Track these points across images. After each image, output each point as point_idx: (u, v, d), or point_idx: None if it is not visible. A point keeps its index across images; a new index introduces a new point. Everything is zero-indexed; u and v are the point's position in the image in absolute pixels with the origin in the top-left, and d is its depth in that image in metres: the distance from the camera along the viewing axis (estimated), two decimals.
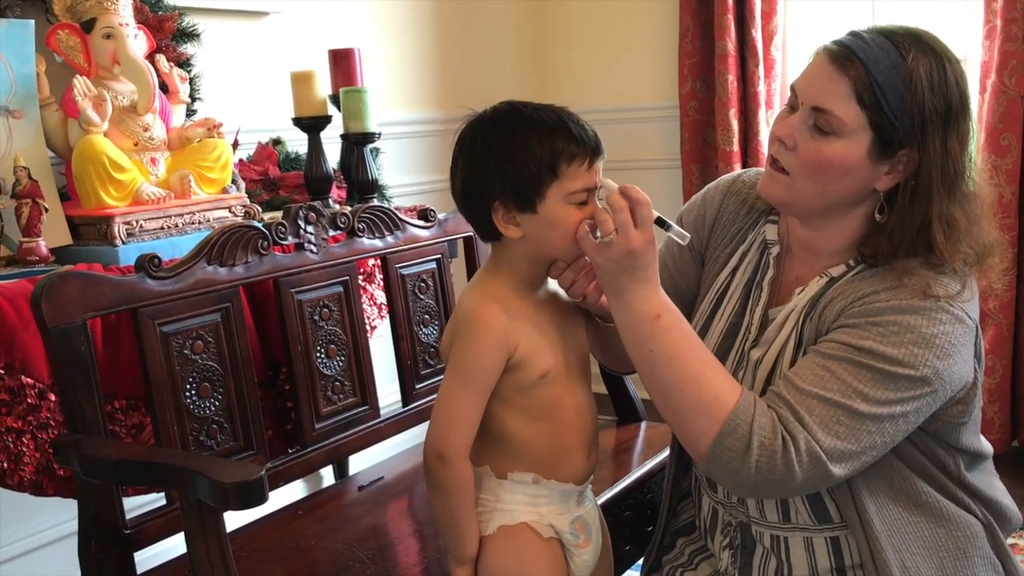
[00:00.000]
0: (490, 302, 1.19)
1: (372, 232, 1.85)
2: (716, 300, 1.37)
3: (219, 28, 2.29)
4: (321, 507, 1.72)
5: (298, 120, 2.12)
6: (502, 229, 1.18)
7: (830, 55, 1.18)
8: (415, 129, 2.97)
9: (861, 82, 1.14)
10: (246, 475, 1.13)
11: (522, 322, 1.19)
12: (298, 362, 1.70)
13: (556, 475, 1.24)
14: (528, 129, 1.15)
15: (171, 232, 1.74)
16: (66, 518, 1.98)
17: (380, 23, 2.86)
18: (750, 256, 1.36)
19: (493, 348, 1.17)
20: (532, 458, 1.23)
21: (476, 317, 1.18)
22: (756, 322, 1.30)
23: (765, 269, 1.33)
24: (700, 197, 1.46)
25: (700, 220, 1.43)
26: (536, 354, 1.20)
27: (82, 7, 1.73)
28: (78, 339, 1.36)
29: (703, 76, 3.15)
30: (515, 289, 1.22)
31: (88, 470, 1.31)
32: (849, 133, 1.16)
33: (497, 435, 1.22)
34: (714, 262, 1.40)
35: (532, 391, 1.21)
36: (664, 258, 1.43)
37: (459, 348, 1.19)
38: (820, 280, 1.26)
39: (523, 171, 1.14)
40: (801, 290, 1.27)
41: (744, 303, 1.33)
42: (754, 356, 1.28)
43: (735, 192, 1.41)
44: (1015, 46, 2.62)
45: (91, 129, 1.66)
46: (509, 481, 1.23)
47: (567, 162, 1.14)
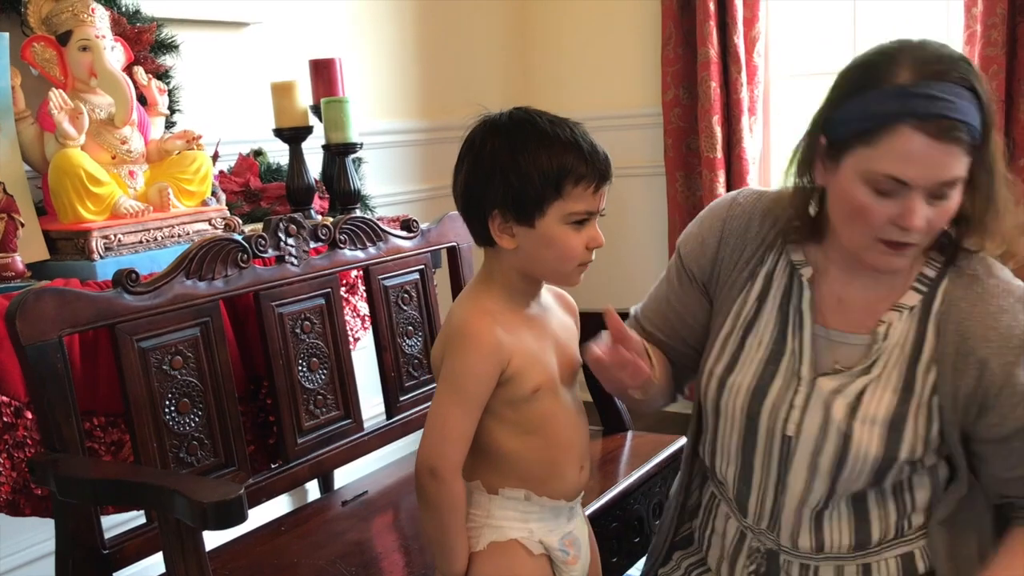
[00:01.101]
0: (483, 315, 1.17)
1: (354, 243, 1.84)
2: (745, 327, 1.32)
3: (198, 39, 2.27)
4: (304, 523, 1.70)
5: (279, 131, 2.10)
6: (496, 238, 1.17)
7: (933, 135, 1.10)
8: (397, 139, 2.96)
9: (969, 137, 1.11)
10: (225, 494, 1.11)
11: (515, 336, 1.18)
12: (280, 376, 1.69)
13: (547, 491, 1.23)
14: (540, 142, 1.13)
15: (150, 246, 1.72)
16: (43, 538, 1.95)
17: (361, 33, 2.85)
18: (778, 279, 1.32)
19: (486, 363, 1.15)
20: (524, 474, 1.21)
21: (469, 331, 1.16)
22: (808, 345, 1.27)
23: (799, 292, 1.29)
24: (696, 225, 1.41)
25: (700, 248, 1.38)
26: (529, 369, 1.18)
27: (58, 19, 1.71)
28: (54, 356, 1.34)
29: (686, 83, 3.15)
30: (507, 302, 1.20)
31: (65, 490, 1.29)
32: (962, 179, 1.15)
33: (489, 450, 1.21)
34: (730, 287, 1.35)
35: (524, 406, 1.19)
36: (666, 292, 1.42)
37: (451, 363, 1.17)
38: (901, 314, 1.24)
39: (527, 184, 1.13)
40: (885, 328, 1.23)
41: (783, 328, 1.29)
42: (826, 385, 1.24)
43: (735, 216, 1.36)
44: (995, 51, 2.63)
45: (67, 143, 1.64)
46: (500, 497, 1.22)
47: (573, 183, 1.13)
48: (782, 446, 1.26)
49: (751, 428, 1.29)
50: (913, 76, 1.11)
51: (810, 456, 1.24)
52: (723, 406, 1.31)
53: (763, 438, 1.28)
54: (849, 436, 1.21)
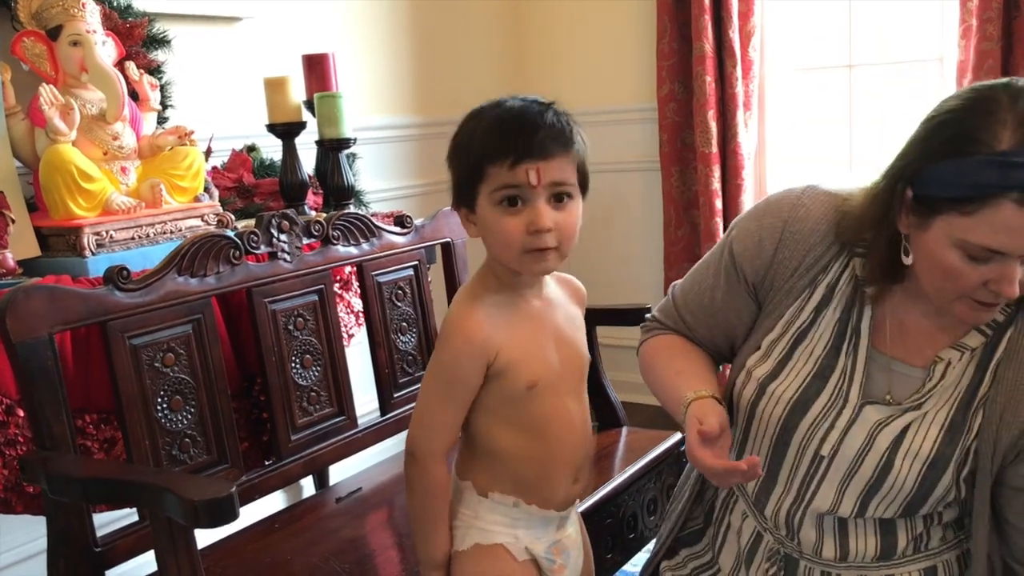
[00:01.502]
0: (473, 307, 1.15)
1: (347, 239, 1.83)
2: (796, 336, 1.27)
3: (191, 34, 2.26)
4: (298, 520, 1.69)
5: (272, 126, 2.09)
6: (464, 227, 1.17)
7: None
8: (391, 134, 2.95)
9: None
10: (216, 492, 1.10)
11: (507, 329, 1.15)
12: (273, 373, 1.68)
13: (537, 500, 1.20)
14: (478, 128, 1.12)
15: (142, 242, 1.71)
16: (35, 536, 1.94)
17: (355, 27, 2.83)
18: (840, 291, 1.26)
19: (467, 355, 1.14)
20: (516, 478, 1.19)
21: (455, 322, 1.15)
22: (860, 367, 1.23)
23: (860, 310, 1.24)
24: (754, 222, 1.32)
25: (756, 248, 1.30)
26: (522, 363, 1.15)
27: (48, 14, 1.70)
28: (44, 354, 1.33)
29: (681, 77, 3.15)
30: (503, 294, 1.17)
31: (56, 488, 1.28)
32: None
33: (483, 448, 1.20)
34: (786, 292, 1.28)
35: (520, 403, 1.17)
36: (712, 287, 1.35)
37: (436, 352, 1.17)
38: (962, 355, 1.20)
39: (460, 170, 1.13)
40: (943, 366, 1.20)
41: (838, 344, 1.25)
42: (872, 415, 1.22)
43: (798, 219, 1.27)
44: (991, 45, 2.62)
45: (58, 138, 1.62)
46: (490, 500, 1.21)
47: (489, 161, 1.09)
48: (812, 463, 1.24)
49: (784, 439, 1.26)
50: (1016, 141, 1.02)
51: (842, 477, 1.22)
52: (759, 411, 1.28)
53: (793, 451, 1.26)
54: (889, 467, 1.20)
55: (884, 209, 1.16)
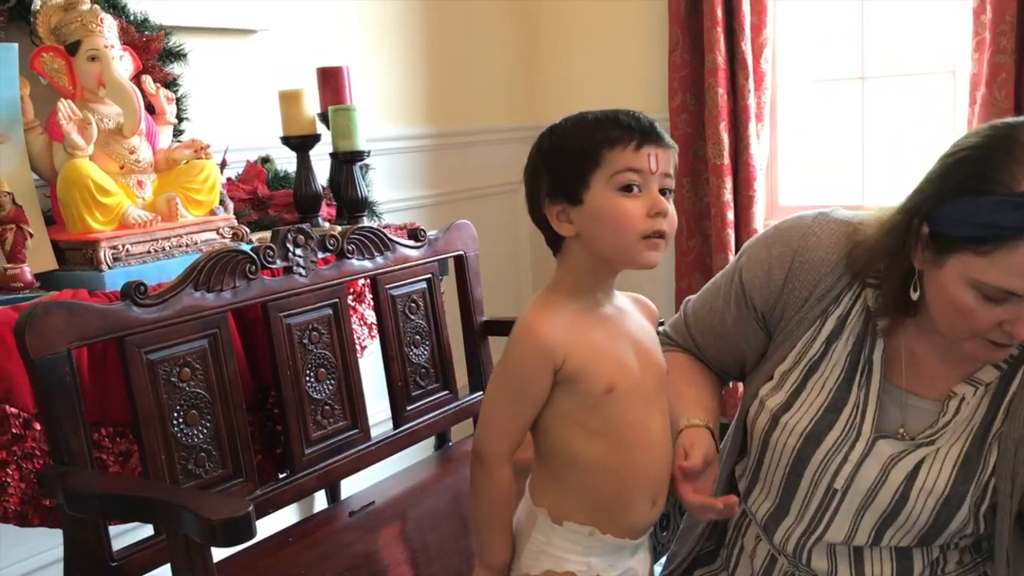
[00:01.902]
0: (543, 310, 1.14)
1: (362, 253, 1.84)
2: (808, 368, 1.27)
3: (206, 47, 2.28)
4: (311, 534, 1.70)
5: (287, 139, 2.10)
6: (556, 227, 1.13)
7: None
8: (405, 144, 2.96)
9: None
10: (233, 511, 1.11)
11: (580, 333, 1.12)
12: (287, 387, 1.69)
13: (613, 528, 1.17)
14: (575, 124, 1.12)
15: (158, 256, 1.72)
16: (52, 545, 1.95)
17: (369, 39, 2.84)
18: (852, 323, 1.25)
19: (533, 358, 1.11)
20: (593, 498, 1.16)
21: (523, 324, 1.14)
22: (873, 400, 1.23)
23: (872, 341, 1.24)
24: (763, 250, 1.31)
25: (765, 277, 1.30)
26: (597, 367, 1.12)
27: (67, 29, 1.71)
28: (63, 369, 1.34)
29: (693, 89, 3.15)
30: (577, 299, 1.15)
31: (73, 504, 1.29)
32: None
33: (560, 463, 1.16)
34: (797, 323, 1.28)
35: (599, 409, 1.13)
36: (722, 310, 1.35)
37: (504, 354, 1.16)
38: (976, 390, 1.19)
39: (565, 161, 1.11)
40: (957, 401, 1.20)
41: (850, 375, 1.24)
42: (887, 450, 1.21)
43: (808, 248, 1.27)
44: (1004, 58, 2.62)
45: (76, 153, 1.63)
46: (564, 528, 1.17)
47: (608, 147, 1.08)
48: (825, 496, 1.24)
49: (797, 470, 1.26)
50: None
51: (856, 510, 1.22)
52: (772, 441, 1.27)
53: (807, 483, 1.25)
54: (904, 501, 1.19)
55: (899, 243, 1.15)
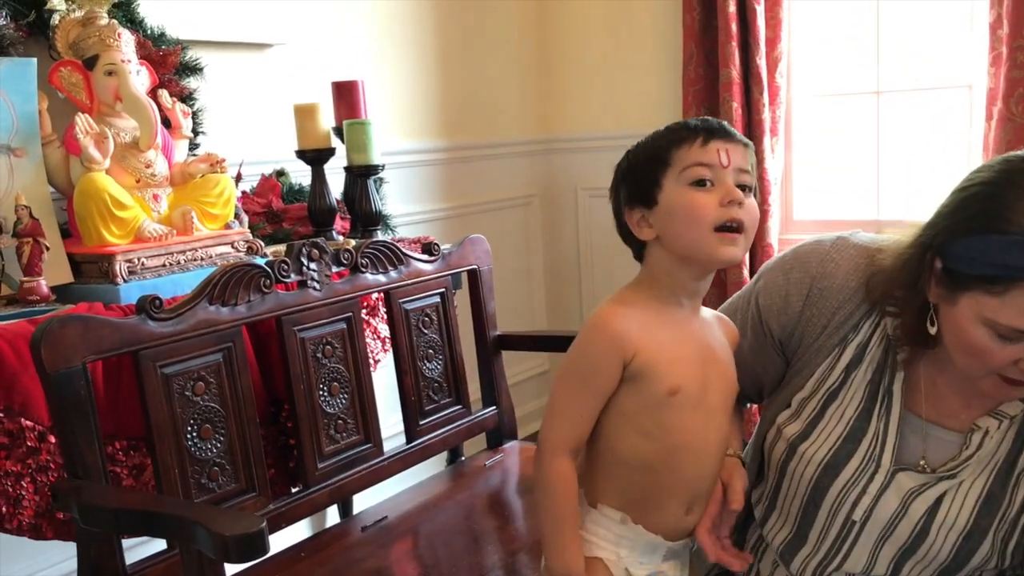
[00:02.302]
0: (616, 306, 1.15)
1: (375, 267, 1.84)
2: (827, 397, 1.24)
3: (222, 61, 2.29)
4: (324, 549, 1.69)
5: (302, 153, 2.11)
6: (637, 232, 1.15)
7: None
8: (419, 158, 2.96)
9: None
10: (247, 527, 1.11)
11: (650, 331, 1.12)
12: (300, 401, 1.68)
13: (645, 521, 1.16)
14: (648, 137, 1.16)
15: (173, 269, 1.73)
16: (65, 557, 1.95)
17: (383, 53, 2.86)
18: (872, 352, 1.23)
19: (603, 349, 1.11)
20: (627, 489, 1.16)
21: (597, 315, 1.14)
22: (893, 431, 1.21)
23: (892, 371, 1.21)
24: (781, 276, 1.29)
25: (782, 304, 1.28)
26: (665, 367, 1.11)
27: (84, 44, 1.73)
28: (78, 383, 1.34)
29: (707, 103, 3.14)
30: (655, 299, 1.15)
31: (87, 518, 1.29)
32: None
33: (605, 454, 1.16)
34: (816, 351, 1.26)
35: (659, 410, 1.13)
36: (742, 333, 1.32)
37: (574, 344, 1.16)
38: (1000, 424, 1.17)
39: (639, 169, 1.14)
40: (981, 435, 1.17)
41: (869, 407, 1.22)
42: (907, 483, 1.19)
43: (827, 275, 1.25)
44: (1021, 73, 2.60)
45: (93, 167, 1.64)
46: (598, 512, 1.18)
47: (676, 147, 1.12)
48: (843, 527, 1.22)
49: (815, 500, 1.24)
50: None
51: (875, 541, 1.20)
52: (790, 470, 1.26)
53: (825, 513, 1.24)
54: (924, 536, 1.18)
55: (913, 277, 1.13)
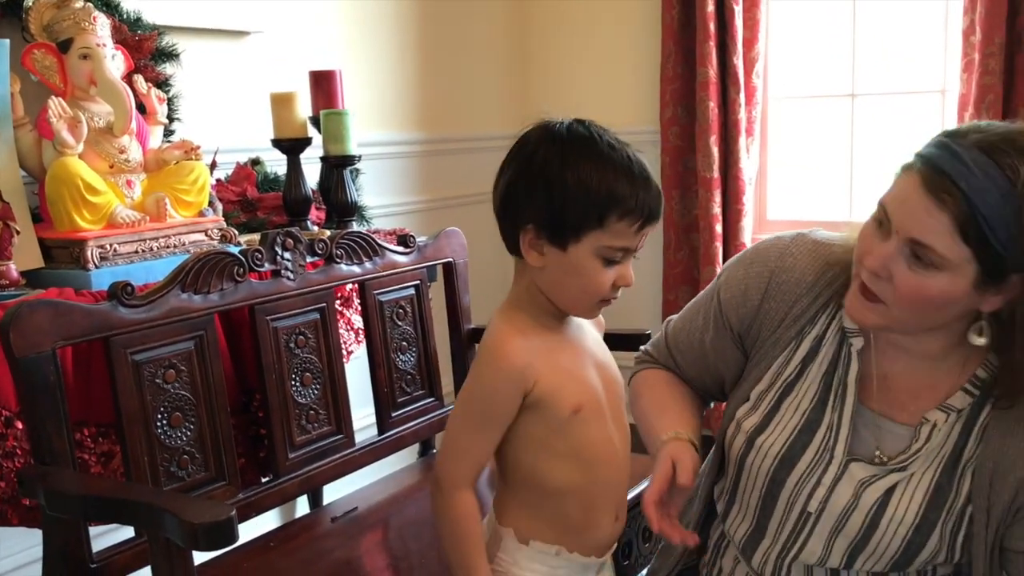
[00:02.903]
0: (513, 334, 1.13)
1: (350, 258, 1.83)
2: (783, 389, 1.26)
3: (199, 48, 2.27)
4: (293, 539, 1.69)
5: (278, 142, 2.10)
6: (524, 252, 1.11)
7: (926, 182, 1.04)
8: (396, 150, 2.96)
9: (964, 217, 1.02)
10: (216, 515, 1.10)
11: (546, 356, 1.13)
12: (272, 391, 1.68)
13: (580, 546, 1.18)
14: (594, 162, 1.07)
15: (145, 256, 1.71)
16: (30, 544, 1.93)
17: (362, 44, 2.84)
18: (827, 344, 1.25)
19: (503, 383, 1.11)
20: (560, 519, 1.16)
21: (495, 348, 1.13)
22: (846, 425, 1.21)
23: (847, 363, 1.23)
24: (741, 270, 1.31)
25: (741, 298, 1.30)
26: (563, 389, 1.13)
27: (59, 27, 1.70)
28: (47, 369, 1.33)
29: (684, 102, 3.16)
30: (540, 319, 1.15)
31: (54, 504, 1.28)
32: (952, 267, 1.06)
33: (528, 487, 1.17)
34: (773, 343, 1.27)
35: (566, 430, 1.14)
36: (701, 332, 1.35)
37: (471, 377, 1.15)
38: (947, 417, 1.18)
39: (570, 206, 1.06)
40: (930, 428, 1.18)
41: (824, 398, 1.23)
42: (859, 473, 1.20)
43: (785, 269, 1.27)
44: (992, 80, 2.64)
45: (66, 151, 1.63)
46: (530, 548, 1.18)
47: (618, 216, 1.06)
48: (800, 518, 1.24)
49: (772, 492, 1.25)
50: (966, 136, 1.05)
51: (830, 533, 1.22)
52: (748, 464, 1.27)
53: (782, 505, 1.25)
54: (874, 528, 1.19)
55: None
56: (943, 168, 1.04)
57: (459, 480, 1.14)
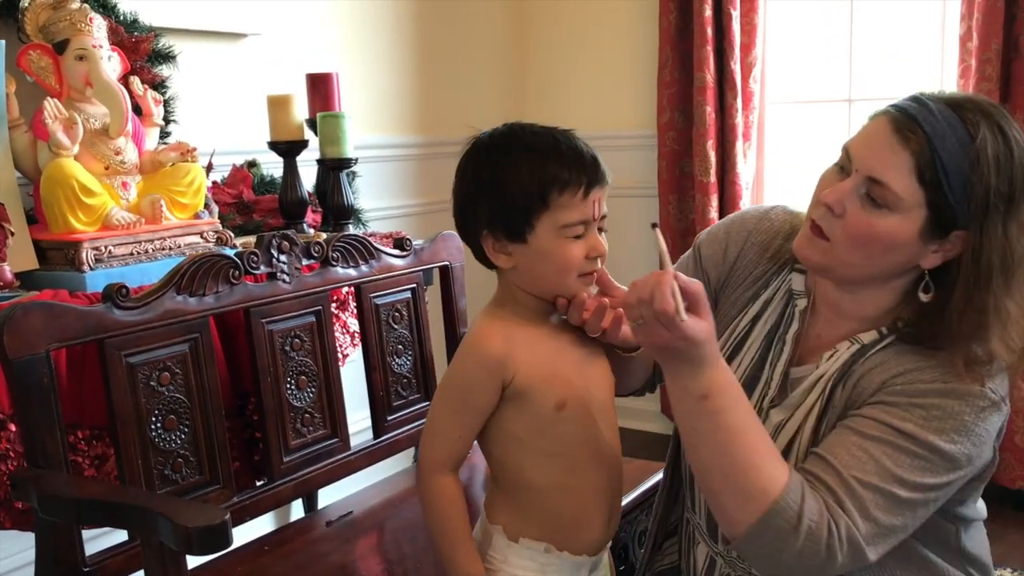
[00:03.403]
0: (494, 324, 1.15)
1: (346, 261, 1.83)
2: (734, 348, 1.30)
3: (196, 50, 2.27)
4: (288, 543, 1.68)
5: (274, 144, 2.10)
6: (493, 259, 1.13)
7: (893, 122, 1.10)
8: (393, 153, 2.95)
9: (924, 158, 1.07)
10: (210, 519, 1.10)
11: (528, 350, 1.13)
12: (267, 395, 1.67)
13: (570, 545, 1.17)
14: (519, 155, 1.09)
15: (141, 258, 1.71)
16: (23, 548, 1.92)
17: (360, 47, 2.84)
18: (774, 305, 1.29)
19: (481, 370, 1.12)
20: (549, 518, 1.16)
21: (474, 337, 1.15)
22: (776, 379, 1.25)
23: (789, 322, 1.26)
24: (723, 230, 1.38)
25: (720, 255, 1.36)
26: (547, 384, 1.13)
27: (55, 28, 1.70)
28: (41, 371, 1.32)
29: (682, 106, 3.17)
30: (523, 316, 1.16)
31: (47, 508, 1.27)
32: (903, 209, 1.10)
33: (515, 486, 1.17)
34: (732, 304, 1.33)
35: (551, 428, 1.14)
36: None
37: (452, 364, 1.17)
38: (850, 347, 1.19)
39: (511, 200, 1.09)
40: (830, 355, 1.20)
41: (764, 356, 1.27)
42: (775, 418, 1.22)
43: (761, 231, 1.34)
44: (989, 86, 2.65)
45: (61, 152, 1.62)
46: (520, 546, 1.17)
47: (559, 191, 1.08)
48: None
49: None
50: (931, 94, 1.12)
51: None
52: None
53: None
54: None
55: None
56: (910, 113, 1.10)
57: (437, 464, 1.15)
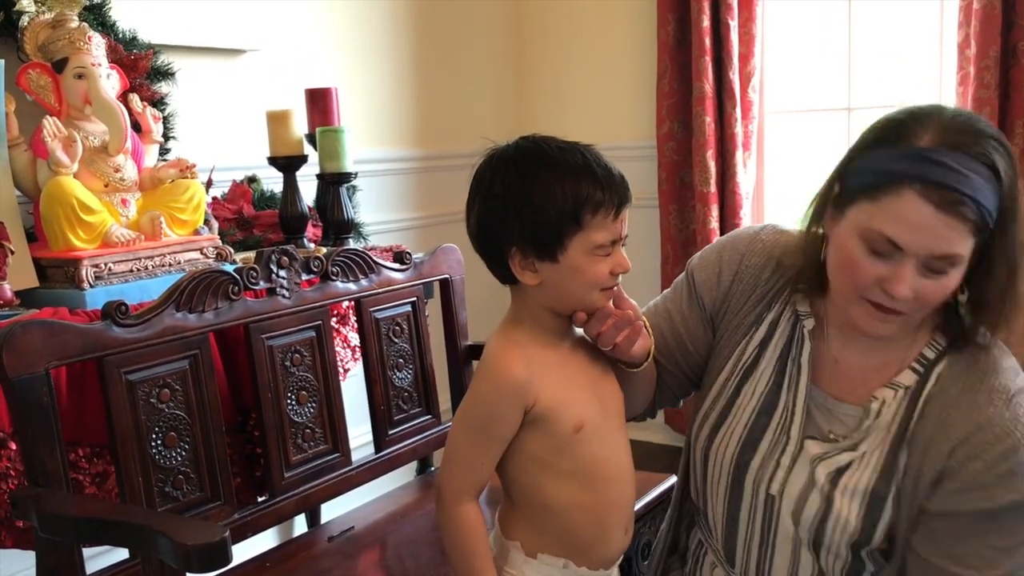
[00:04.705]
0: (512, 349, 1.13)
1: (346, 276, 1.83)
2: (743, 373, 1.30)
3: (195, 66, 2.27)
4: (290, 559, 1.67)
5: (274, 159, 2.10)
6: (518, 275, 1.12)
7: (932, 202, 1.06)
8: (392, 166, 2.96)
9: (977, 216, 1.07)
10: (209, 537, 1.09)
11: (546, 373, 1.13)
12: (268, 410, 1.67)
13: (588, 560, 1.17)
14: (551, 172, 1.08)
15: (140, 275, 1.71)
16: (24, 566, 1.92)
17: (358, 62, 2.85)
18: (782, 328, 1.29)
19: (504, 399, 1.11)
20: (568, 535, 1.16)
21: (495, 361, 1.13)
22: (800, 404, 1.25)
23: (800, 344, 1.27)
24: (715, 254, 1.37)
25: (714, 279, 1.35)
26: (565, 406, 1.13)
27: (54, 47, 1.71)
28: (40, 389, 1.32)
29: (681, 117, 3.17)
30: (539, 337, 1.15)
31: (47, 527, 1.27)
32: (964, 259, 1.11)
33: (533, 505, 1.16)
34: (735, 329, 1.33)
35: (569, 449, 1.14)
36: (671, 311, 1.38)
37: (471, 390, 1.16)
38: (895, 393, 1.20)
39: (544, 219, 1.07)
40: (880, 406, 1.20)
41: (779, 380, 1.27)
42: (813, 450, 1.22)
43: (754, 253, 1.33)
44: (988, 93, 2.65)
45: (60, 170, 1.62)
46: (538, 562, 1.17)
47: (592, 212, 1.07)
48: (766, 505, 1.24)
49: (738, 479, 1.27)
50: (933, 141, 1.07)
51: (791, 516, 1.22)
52: (713, 451, 1.29)
53: (749, 493, 1.26)
54: (831, 501, 1.19)
55: (820, 214, 1.21)
56: (944, 183, 1.06)
57: (460, 493, 1.14)
